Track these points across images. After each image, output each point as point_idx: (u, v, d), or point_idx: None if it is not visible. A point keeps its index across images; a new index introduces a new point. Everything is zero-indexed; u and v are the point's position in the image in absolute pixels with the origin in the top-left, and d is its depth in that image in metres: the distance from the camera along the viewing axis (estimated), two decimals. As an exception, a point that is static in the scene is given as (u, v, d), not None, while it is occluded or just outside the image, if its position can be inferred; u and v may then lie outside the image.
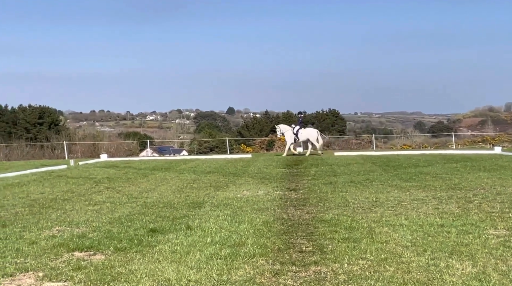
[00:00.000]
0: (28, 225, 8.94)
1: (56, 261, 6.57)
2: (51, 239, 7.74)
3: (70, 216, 9.82)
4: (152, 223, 8.92)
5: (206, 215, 9.66)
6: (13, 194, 13.29)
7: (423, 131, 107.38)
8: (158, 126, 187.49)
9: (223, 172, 18.82)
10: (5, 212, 10.42)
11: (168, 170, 20.23)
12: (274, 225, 8.54)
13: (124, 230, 8.31)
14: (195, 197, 12.18)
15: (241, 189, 13.61)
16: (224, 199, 11.72)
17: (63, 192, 13.60)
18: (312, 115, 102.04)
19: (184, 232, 8.06)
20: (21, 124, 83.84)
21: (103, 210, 10.55)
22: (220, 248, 7.00)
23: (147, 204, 11.25)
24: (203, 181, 15.77)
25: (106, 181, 16.14)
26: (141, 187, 14.44)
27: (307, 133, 29.64)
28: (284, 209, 10.30)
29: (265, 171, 18.83)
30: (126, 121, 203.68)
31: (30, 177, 17.80)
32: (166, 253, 6.81)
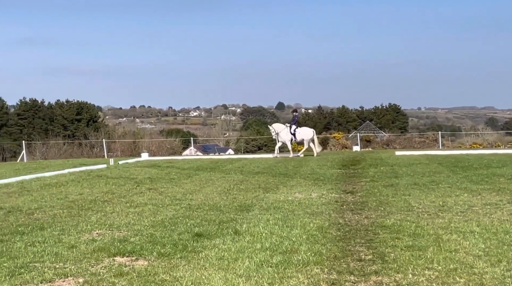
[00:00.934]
0: (67, 228, 9.19)
1: (96, 266, 6.74)
2: (91, 243, 7.94)
3: (111, 219, 10.04)
4: (197, 227, 9.02)
5: (255, 219, 9.70)
6: (51, 195, 13.69)
7: (496, 128, 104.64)
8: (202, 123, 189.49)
9: (272, 173, 18.83)
10: (43, 214, 10.75)
11: (214, 170, 20.41)
12: (329, 231, 8.50)
13: (167, 234, 8.43)
14: (243, 200, 12.24)
15: (293, 191, 13.60)
16: (274, 202, 11.74)
17: (103, 193, 13.92)
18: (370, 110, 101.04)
19: (231, 237, 8.11)
20: (58, 121, 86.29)
21: (145, 212, 10.74)
22: (271, 255, 7.02)
23: (191, 206, 11.39)
24: (251, 182, 15.83)
25: (147, 182, 16.43)
26: (185, 188, 14.63)
27: (304, 133, 29.73)
28: (340, 213, 10.24)
29: (319, 172, 18.75)
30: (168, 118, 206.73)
31: (68, 177, 18.29)
32: (213, 259, 6.87)
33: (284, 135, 29.50)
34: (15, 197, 13.44)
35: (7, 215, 10.69)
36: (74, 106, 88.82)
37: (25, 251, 7.48)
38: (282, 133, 29.60)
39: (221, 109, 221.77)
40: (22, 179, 17.83)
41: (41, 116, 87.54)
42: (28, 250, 7.51)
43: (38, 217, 10.45)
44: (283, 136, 29.54)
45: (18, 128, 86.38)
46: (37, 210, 11.22)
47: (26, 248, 7.67)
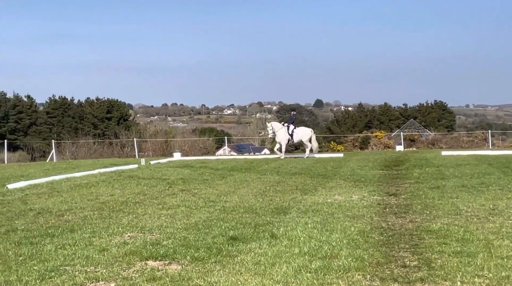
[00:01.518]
0: (98, 230, 9.32)
1: (128, 270, 6.82)
2: (123, 246, 8.04)
3: (142, 221, 10.15)
4: (232, 230, 9.05)
5: (292, 222, 9.69)
6: (81, 196, 13.91)
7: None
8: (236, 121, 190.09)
9: (310, 174, 18.79)
10: (73, 216, 10.93)
11: (249, 171, 20.46)
12: (371, 235, 8.44)
13: (201, 238, 8.49)
14: (280, 202, 12.24)
15: (332, 193, 13.55)
16: (312, 204, 11.71)
17: (134, 194, 14.08)
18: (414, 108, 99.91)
19: (268, 241, 8.12)
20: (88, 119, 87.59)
21: (177, 214, 10.82)
22: (309, 260, 7.00)
23: (226, 208, 11.44)
24: (288, 184, 15.83)
25: (180, 183, 16.56)
26: (219, 190, 14.70)
27: (302, 133, 29.27)
28: (383, 216, 10.16)
29: (360, 173, 18.64)
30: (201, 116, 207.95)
31: (99, 178, 18.56)
32: (249, 264, 6.89)
33: (281, 135, 28.97)
34: (45, 198, 13.69)
35: (37, 217, 10.90)
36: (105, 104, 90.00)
37: (55, 254, 7.62)
38: (279, 132, 29.07)
39: (256, 106, 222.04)
40: (52, 179, 18.15)
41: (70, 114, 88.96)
42: (59, 253, 7.64)
43: (68, 219, 10.63)
44: (281, 136, 28.99)
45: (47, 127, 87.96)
46: (67, 212, 11.42)
47: (57, 251, 7.81)
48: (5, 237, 8.83)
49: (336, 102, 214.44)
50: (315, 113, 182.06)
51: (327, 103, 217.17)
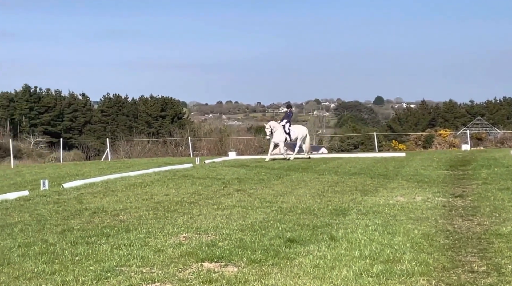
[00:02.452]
0: (153, 230, 9.48)
1: (184, 272, 6.91)
2: (178, 247, 8.15)
3: (198, 222, 10.26)
4: (290, 231, 9.06)
5: (352, 224, 9.63)
6: (136, 195, 14.17)
7: None
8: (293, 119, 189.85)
9: (371, 174, 18.63)
10: (128, 216, 11.14)
11: (306, 171, 20.42)
12: (436, 239, 8.32)
13: (258, 239, 8.52)
14: (339, 203, 12.18)
15: (394, 194, 13.40)
16: (373, 206, 11.62)
17: (189, 194, 14.25)
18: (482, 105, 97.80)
19: (327, 244, 8.10)
20: (143, 117, 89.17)
21: (233, 215, 10.90)
22: (370, 263, 6.95)
23: (282, 209, 11.45)
24: (347, 184, 15.73)
25: (235, 183, 16.67)
26: (275, 190, 14.72)
27: (299, 131, 28.19)
28: (448, 219, 10.00)
29: (423, 173, 18.37)
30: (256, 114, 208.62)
31: (153, 177, 18.87)
32: (307, 267, 6.88)
33: (278, 135, 27.61)
34: (100, 197, 14.01)
35: (92, 216, 11.16)
36: (159, 102, 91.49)
37: (111, 254, 7.79)
38: (277, 132, 27.63)
39: (313, 104, 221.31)
40: (106, 178, 18.56)
41: (125, 112, 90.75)
42: (114, 253, 7.81)
43: (123, 218, 10.84)
44: (278, 136, 27.59)
45: (101, 125, 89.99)
46: (122, 211, 11.66)
47: (112, 251, 7.98)
48: (61, 237, 9.07)
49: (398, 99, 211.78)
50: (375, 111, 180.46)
51: (388, 100, 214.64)
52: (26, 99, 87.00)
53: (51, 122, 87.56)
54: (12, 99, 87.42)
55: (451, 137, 51.53)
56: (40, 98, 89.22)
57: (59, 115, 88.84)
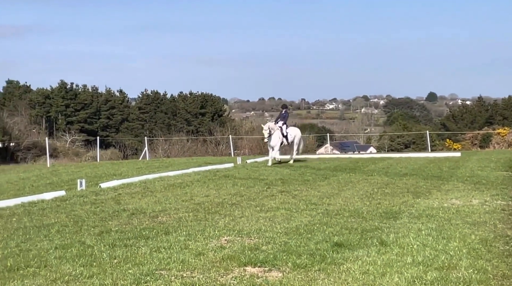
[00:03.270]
0: (193, 233, 9.54)
1: (226, 276, 6.94)
2: (220, 251, 8.19)
3: (240, 224, 10.30)
4: (337, 235, 9.02)
5: (403, 228, 9.55)
6: (175, 196, 14.29)
7: None
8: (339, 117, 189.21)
9: (423, 175, 18.44)
10: (167, 217, 11.25)
11: (354, 171, 20.31)
12: (495, 244, 8.19)
13: (303, 243, 8.51)
14: (389, 205, 12.09)
15: (449, 197, 13.24)
16: (426, 209, 11.49)
17: (230, 195, 14.31)
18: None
19: (377, 249, 8.04)
20: (181, 115, 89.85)
21: (277, 218, 10.90)
22: (424, 270, 6.88)
23: (329, 212, 11.41)
24: (398, 186, 15.60)
25: (279, 183, 16.67)
26: (321, 192, 14.68)
27: (295, 133, 26.84)
28: (508, 224, 9.84)
29: (480, 174, 18.10)
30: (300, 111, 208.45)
31: (193, 177, 19.00)
32: (356, 273, 6.85)
33: (276, 138, 25.67)
34: (138, 198, 14.18)
35: (130, 218, 11.30)
36: (198, 98, 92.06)
37: (150, 257, 7.87)
38: (274, 135, 25.67)
39: (361, 101, 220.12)
40: (145, 178, 18.77)
41: (163, 109, 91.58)
42: (154, 256, 7.89)
43: (162, 220, 10.95)
44: (275, 139, 25.64)
45: (139, 123, 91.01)
46: (161, 213, 11.77)
47: (151, 254, 8.07)
48: (99, 239, 9.21)
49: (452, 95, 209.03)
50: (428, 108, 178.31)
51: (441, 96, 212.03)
52: (62, 95, 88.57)
53: (87, 120, 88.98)
54: (48, 96, 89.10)
55: (510, 136, 50.58)
56: (77, 94, 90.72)
57: (96, 112, 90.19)
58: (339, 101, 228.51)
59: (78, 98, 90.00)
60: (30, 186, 19.59)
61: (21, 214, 12.31)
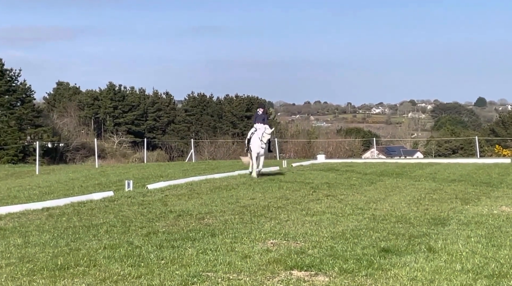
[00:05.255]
0: (240, 235, 9.57)
1: (273, 279, 6.94)
2: (266, 254, 8.20)
3: (286, 228, 10.29)
4: (384, 241, 8.95)
5: (452, 234, 9.42)
6: (221, 198, 14.36)
7: None
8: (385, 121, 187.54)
9: (472, 181, 18.18)
10: (213, 220, 11.31)
11: (401, 176, 20.13)
12: (547, 254, 8.00)
13: (349, 248, 8.46)
14: (437, 212, 11.95)
15: (498, 204, 13.03)
16: (475, 216, 11.32)
17: (276, 198, 14.32)
18: None
19: (425, 255, 7.95)
20: (227, 118, 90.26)
21: (323, 222, 10.87)
22: (474, 278, 6.77)
23: (375, 217, 11.33)
24: (446, 192, 15.40)
25: (325, 187, 16.61)
26: (368, 196, 14.59)
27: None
28: (560, 232, 9.61)
29: (531, 181, 17.76)
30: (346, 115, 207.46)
31: (239, 180, 19.07)
32: (404, 279, 6.78)
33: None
34: (185, 200, 14.29)
35: (177, 219, 11.40)
36: (244, 101, 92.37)
37: (197, 259, 7.92)
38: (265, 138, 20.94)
39: (408, 105, 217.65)
40: (191, 180, 18.92)
41: (209, 112, 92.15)
42: (200, 258, 7.94)
43: (209, 222, 11.02)
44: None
45: (185, 125, 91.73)
46: (207, 215, 11.85)
47: (198, 255, 8.12)
48: (146, 239, 9.32)
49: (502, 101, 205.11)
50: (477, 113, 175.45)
51: (490, 101, 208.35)
52: (110, 97, 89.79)
53: (134, 121, 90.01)
54: (97, 98, 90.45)
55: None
56: (124, 96, 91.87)
57: (143, 114, 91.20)
58: (386, 105, 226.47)
59: (125, 100, 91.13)
60: (79, 186, 19.92)
61: (70, 213, 12.53)
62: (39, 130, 62.50)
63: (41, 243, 9.31)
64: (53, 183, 22.00)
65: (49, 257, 8.17)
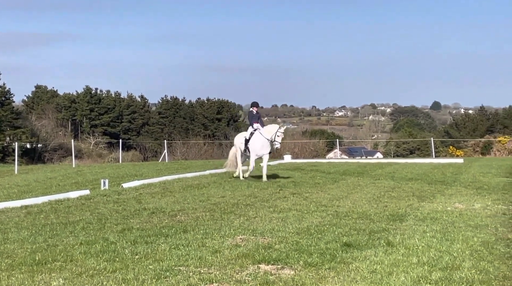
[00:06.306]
0: (210, 231, 9.55)
1: (241, 273, 6.94)
2: (235, 249, 8.19)
3: (254, 224, 10.30)
4: (346, 236, 9.00)
5: (409, 230, 9.51)
6: (193, 196, 14.31)
7: None
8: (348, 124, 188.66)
9: (428, 180, 18.37)
10: (185, 217, 11.27)
11: (362, 175, 20.26)
12: (496, 247, 8.14)
13: (314, 243, 8.50)
14: (395, 208, 12.04)
15: (452, 201, 13.18)
16: (430, 212, 11.44)
17: (245, 196, 14.31)
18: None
19: (384, 249, 8.02)
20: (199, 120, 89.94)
21: (289, 218, 10.89)
22: (429, 270, 6.85)
23: (338, 213, 11.39)
24: (404, 190, 15.54)
25: (291, 186, 16.65)
26: (331, 194, 14.65)
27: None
28: (509, 227, 9.78)
29: (482, 180, 18.00)
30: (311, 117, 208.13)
31: (210, 179, 19.03)
32: (364, 272, 6.83)
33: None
34: (158, 198, 14.21)
35: (150, 216, 11.34)
36: (215, 104, 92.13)
37: (169, 254, 7.89)
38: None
39: (369, 108, 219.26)
40: (164, 179, 18.82)
41: (181, 114, 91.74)
42: (173, 253, 7.91)
43: (181, 219, 10.97)
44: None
45: (159, 126, 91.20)
46: (179, 212, 11.80)
47: (171, 250, 8.09)
48: (121, 236, 9.25)
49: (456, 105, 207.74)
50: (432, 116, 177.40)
51: (445, 105, 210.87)
52: (87, 100, 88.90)
53: (110, 123, 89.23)
54: (74, 101, 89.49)
55: (510, 144, 50.27)
56: (101, 99, 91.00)
57: (118, 116, 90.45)
58: (348, 109, 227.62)
59: (102, 103, 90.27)
60: (57, 185, 19.68)
61: (48, 211, 12.39)
62: (18, 132, 61.70)
63: (19, 239, 9.19)
64: (32, 182, 21.70)
65: (27, 253, 8.07)
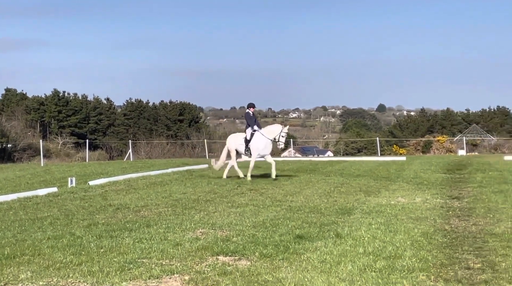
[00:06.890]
0: (172, 226, 9.49)
1: (201, 264, 6.92)
2: (195, 242, 8.16)
3: (213, 218, 10.27)
4: (298, 229, 9.05)
5: (356, 222, 9.61)
6: (156, 193, 14.20)
7: None
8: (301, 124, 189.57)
9: (373, 176, 18.60)
10: (149, 212, 11.18)
11: (314, 172, 20.40)
12: (435, 237, 8.28)
13: (269, 235, 8.52)
14: (344, 203, 12.16)
15: (395, 195, 13.37)
16: (376, 206, 11.58)
17: (205, 192, 14.27)
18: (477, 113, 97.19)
19: (333, 240, 8.09)
20: (162, 121, 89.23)
21: (246, 213, 10.90)
22: (374, 259, 6.93)
23: (292, 208, 11.44)
24: (352, 185, 15.70)
25: (248, 182, 16.65)
26: (285, 190, 14.71)
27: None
28: (446, 219, 9.96)
29: (423, 176, 18.31)
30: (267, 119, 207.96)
31: (172, 176, 18.91)
32: (315, 262, 6.88)
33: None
34: (123, 194, 14.06)
35: (115, 212, 11.21)
36: (177, 106, 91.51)
37: (133, 247, 7.81)
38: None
39: (320, 110, 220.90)
40: (129, 177, 18.62)
41: (146, 116, 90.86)
42: (136, 247, 7.83)
43: (144, 214, 10.88)
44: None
45: (124, 127, 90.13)
46: (143, 208, 11.69)
47: (134, 244, 8.01)
48: (87, 230, 9.12)
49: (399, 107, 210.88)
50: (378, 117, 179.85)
51: (389, 107, 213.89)
52: (55, 103, 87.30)
53: (77, 124, 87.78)
54: (43, 103, 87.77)
55: (448, 143, 51.32)
56: (68, 102, 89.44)
57: (85, 118, 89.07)
58: (301, 111, 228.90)
59: (69, 105, 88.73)
60: (26, 183, 19.30)
61: (17, 208, 12.14)
62: (-12, 132, 60.14)
63: (-11, 235, 8.98)
64: (1, 180, 21.23)
65: (-4, 248, 7.89)
